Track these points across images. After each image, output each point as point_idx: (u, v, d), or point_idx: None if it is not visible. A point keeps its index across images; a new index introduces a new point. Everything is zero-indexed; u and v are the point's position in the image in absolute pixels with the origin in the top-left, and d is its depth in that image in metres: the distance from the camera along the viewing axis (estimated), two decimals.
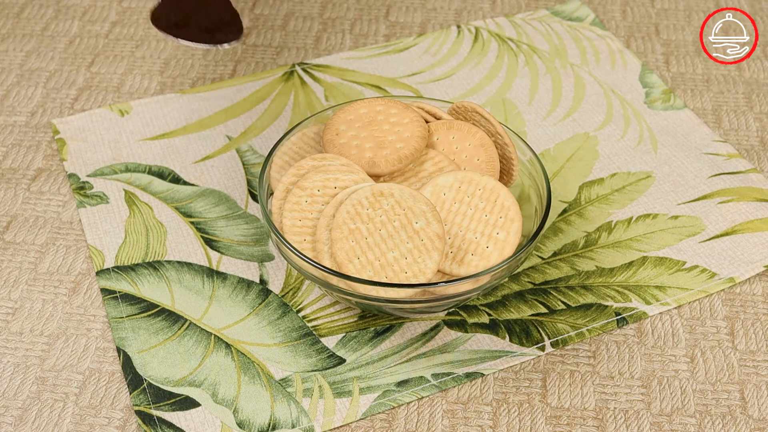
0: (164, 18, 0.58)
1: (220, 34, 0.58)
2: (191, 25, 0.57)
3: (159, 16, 0.58)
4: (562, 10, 0.85)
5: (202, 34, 0.58)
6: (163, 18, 0.58)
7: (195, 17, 0.58)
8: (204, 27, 0.58)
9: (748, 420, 0.54)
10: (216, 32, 0.58)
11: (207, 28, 0.58)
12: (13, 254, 0.63)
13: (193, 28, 0.57)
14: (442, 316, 0.59)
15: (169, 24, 0.58)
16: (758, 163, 0.70)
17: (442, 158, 0.59)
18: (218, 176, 0.68)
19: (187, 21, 0.57)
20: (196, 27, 0.58)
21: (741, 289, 0.61)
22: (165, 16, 0.58)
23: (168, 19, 0.58)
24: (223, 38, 0.58)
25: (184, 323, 0.58)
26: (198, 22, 0.58)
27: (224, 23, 0.58)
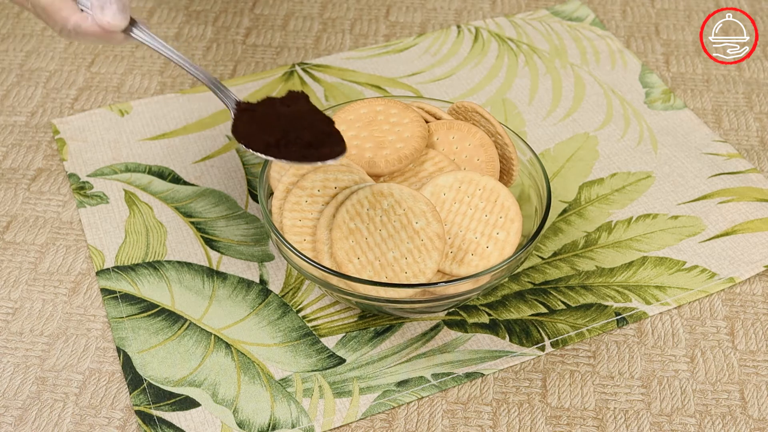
0: (258, 139, 0.53)
1: (325, 149, 0.52)
2: (292, 143, 0.53)
3: (250, 138, 0.54)
4: (562, 10, 0.85)
5: (306, 151, 0.52)
6: (257, 139, 0.53)
7: (294, 134, 0.53)
8: (307, 143, 0.53)
9: (748, 420, 0.54)
10: (320, 147, 0.52)
11: (310, 144, 0.53)
12: (13, 254, 0.63)
13: (295, 146, 0.53)
14: (442, 316, 0.59)
15: (267, 145, 0.53)
16: (758, 163, 0.70)
17: (442, 158, 0.59)
18: (218, 176, 0.68)
19: (286, 139, 0.53)
20: (298, 145, 0.53)
21: (741, 289, 0.61)
22: (257, 136, 0.53)
23: (263, 140, 0.53)
24: (329, 153, 0.52)
25: (184, 323, 0.58)
26: (300, 139, 0.53)
27: (325, 135, 0.53)
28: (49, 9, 0.57)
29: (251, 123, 0.55)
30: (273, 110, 0.55)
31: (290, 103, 0.55)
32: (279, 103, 0.55)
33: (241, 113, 0.56)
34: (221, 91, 0.58)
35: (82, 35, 0.58)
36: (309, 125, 0.53)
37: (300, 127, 0.53)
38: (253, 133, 0.54)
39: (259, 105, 0.56)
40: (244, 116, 0.55)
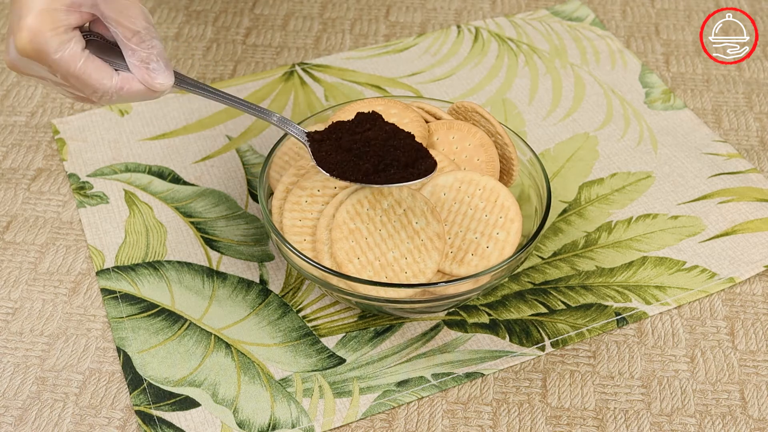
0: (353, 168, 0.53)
1: (421, 164, 0.53)
2: (390, 166, 0.53)
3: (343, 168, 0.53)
4: (562, 10, 0.85)
5: (406, 171, 0.53)
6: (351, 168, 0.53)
7: (389, 157, 0.53)
8: (404, 163, 0.53)
9: (748, 420, 0.54)
10: (416, 163, 0.53)
11: (407, 163, 0.53)
12: (13, 254, 0.63)
13: (393, 168, 0.53)
14: (442, 316, 0.59)
15: (366, 173, 0.53)
16: (758, 163, 0.70)
17: (442, 158, 0.59)
18: (218, 176, 0.68)
19: (384, 164, 0.53)
20: (395, 167, 0.53)
21: (741, 289, 0.61)
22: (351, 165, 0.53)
23: (360, 168, 0.53)
24: (426, 169, 0.53)
25: (184, 323, 0.58)
26: (396, 161, 0.53)
27: (416, 151, 0.54)
28: (83, 75, 0.51)
29: (338, 152, 0.54)
30: (357, 136, 0.54)
31: (371, 126, 0.55)
32: (358, 126, 0.55)
33: (318, 144, 0.55)
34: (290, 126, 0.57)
35: (124, 98, 0.53)
36: (399, 146, 0.54)
37: (393, 149, 0.54)
38: (346, 163, 0.54)
39: (331, 132, 0.55)
40: (326, 147, 0.55)
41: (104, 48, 0.53)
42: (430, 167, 0.53)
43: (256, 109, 0.57)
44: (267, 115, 0.57)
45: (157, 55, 0.52)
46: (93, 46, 0.52)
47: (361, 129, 0.55)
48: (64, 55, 0.50)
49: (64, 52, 0.50)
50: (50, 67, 0.51)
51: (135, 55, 0.52)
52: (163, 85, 0.53)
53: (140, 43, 0.52)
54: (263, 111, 0.57)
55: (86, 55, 0.51)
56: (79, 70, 0.51)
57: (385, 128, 0.55)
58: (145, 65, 0.52)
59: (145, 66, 0.52)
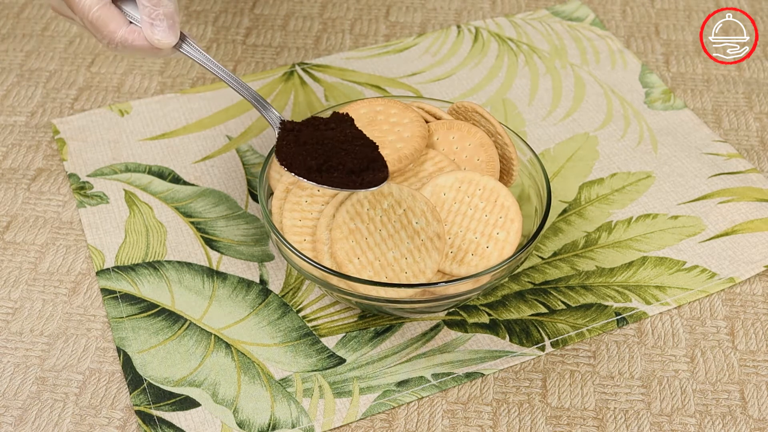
0: (300, 162, 0.53)
1: (368, 175, 0.52)
2: (334, 168, 0.52)
3: (292, 161, 0.53)
4: (562, 10, 0.85)
5: (348, 178, 0.52)
6: (299, 162, 0.53)
7: (336, 159, 0.52)
8: (349, 169, 0.52)
9: (748, 420, 0.54)
10: (363, 173, 0.52)
11: (353, 170, 0.52)
12: (13, 254, 0.63)
13: (338, 171, 0.52)
14: (442, 316, 0.59)
15: (309, 169, 0.52)
16: (758, 163, 0.70)
17: (442, 158, 0.59)
18: (218, 176, 0.68)
19: (328, 164, 0.52)
20: (340, 171, 0.52)
21: (741, 289, 0.61)
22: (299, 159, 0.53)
23: (306, 163, 0.52)
24: (372, 180, 0.52)
25: (184, 323, 0.58)
26: (342, 165, 0.52)
27: (369, 161, 0.53)
28: (97, 23, 0.55)
29: (295, 145, 0.54)
30: (317, 133, 0.54)
31: (335, 126, 0.54)
32: (324, 125, 0.55)
33: (286, 134, 0.55)
34: (265, 109, 0.57)
35: (129, 49, 0.56)
36: (352, 150, 0.53)
37: (343, 152, 0.53)
38: (296, 156, 0.53)
39: (303, 125, 0.55)
40: (289, 137, 0.55)
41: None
42: (376, 181, 0.52)
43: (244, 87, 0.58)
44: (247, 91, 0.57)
45: (163, 14, 0.55)
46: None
47: (326, 127, 0.55)
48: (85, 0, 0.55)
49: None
50: (72, 10, 0.56)
51: (144, 10, 0.55)
52: (161, 42, 0.56)
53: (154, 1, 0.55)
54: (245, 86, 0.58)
55: (104, 3, 0.55)
56: (93, 16, 0.55)
57: (347, 131, 0.54)
58: (151, 21, 0.55)
59: (150, 22, 0.55)
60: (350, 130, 0.55)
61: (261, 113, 0.57)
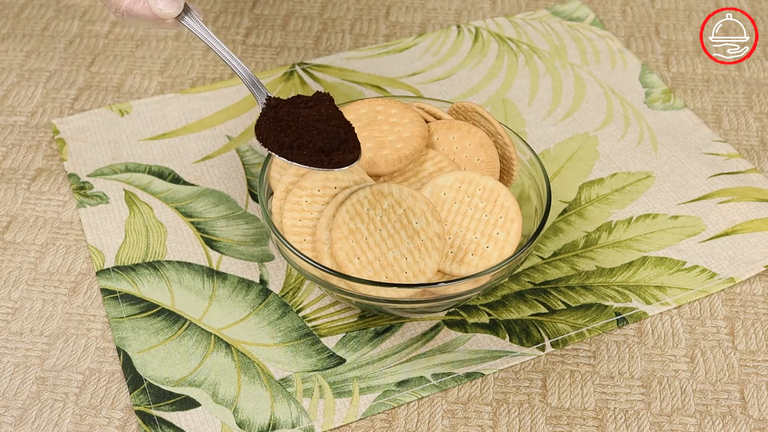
0: (274, 139, 0.53)
1: (337, 155, 0.52)
2: (305, 146, 0.52)
3: (267, 136, 0.53)
4: (562, 10, 0.85)
5: (317, 156, 0.52)
6: (273, 138, 0.53)
7: (308, 137, 0.52)
8: (319, 147, 0.52)
9: (748, 420, 0.54)
10: (333, 153, 0.52)
11: (322, 149, 0.52)
12: (13, 254, 0.63)
13: (308, 150, 0.52)
14: (442, 316, 0.59)
15: (282, 145, 0.53)
16: (758, 163, 0.70)
17: (442, 158, 0.59)
18: (218, 176, 0.68)
19: (300, 142, 0.52)
20: (310, 149, 0.52)
21: (741, 289, 0.61)
22: (275, 135, 0.53)
23: (279, 140, 0.53)
24: (341, 160, 0.52)
25: (184, 323, 0.58)
26: (312, 144, 0.52)
27: (340, 141, 0.53)
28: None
29: (273, 121, 0.54)
30: (295, 110, 0.54)
31: (313, 104, 0.54)
32: (304, 103, 0.55)
33: (268, 110, 0.55)
34: (256, 88, 0.57)
35: (134, 18, 0.58)
36: (324, 129, 0.53)
37: (315, 131, 0.53)
38: (272, 132, 0.53)
39: (285, 103, 0.55)
40: (270, 113, 0.55)
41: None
42: (345, 161, 0.52)
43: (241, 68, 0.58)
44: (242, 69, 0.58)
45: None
46: None
47: (304, 105, 0.55)
48: None
49: None
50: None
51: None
52: (162, 12, 0.57)
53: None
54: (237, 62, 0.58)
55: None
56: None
57: (322, 111, 0.54)
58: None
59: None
60: (327, 109, 0.54)
61: (252, 93, 0.57)
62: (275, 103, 0.55)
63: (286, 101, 0.55)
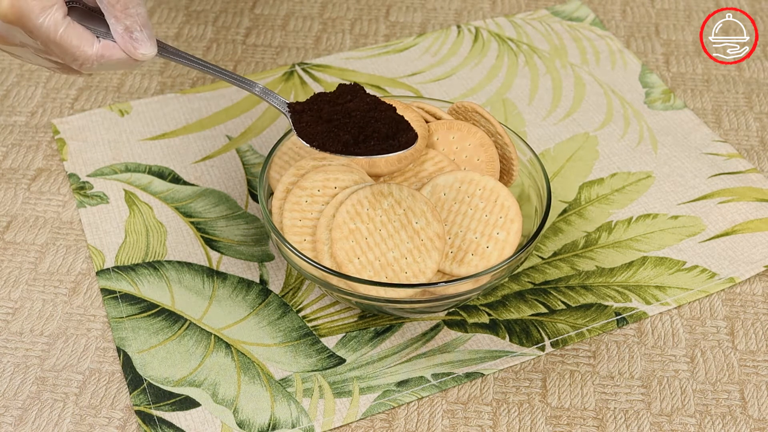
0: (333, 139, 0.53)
1: (403, 136, 0.52)
2: (370, 137, 0.52)
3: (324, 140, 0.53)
4: (562, 10, 0.85)
5: (386, 143, 0.52)
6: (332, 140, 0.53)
7: (370, 128, 0.53)
8: (385, 134, 0.52)
9: (748, 420, 0.54)
10: (398, 135, 0.53)
11: (387, 135, 0.52)
12: (13, 254, 0.63)
13: (374, 139, 0.52)
14: (442, 316, 0.59)
15: (346, 144, 0.52)
16: (758, 163, 0.70)
17: (442, 158, 0.59)
18: (218, 176, 0.68)
19: (364, 135, 0.53)
20: (376, 138, 0.52)
21: (741, 289, 0.61)
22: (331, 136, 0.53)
23: (340, 139, 0.53)
24: (407, 141, 0.52)
25: (184, 323, 0.58)
26: (377, 132, 0.52)
27: (398, 122, 0.53)
28: (65, 43, 0.51)
29: (319, 123, 0.54)
30: (338, 107, 0.54)
31: (352, 97, 0.54)
32: (337, 98, 0.55)
33: (299, 115, 0.55)
34: (272, 97, 0.56)
35: (105, 66, 0.53)
36: (380, 117, 0.53)
37: (374, 120, 0.53)
38: (326, 134, 0.53)
39: (312, 104, 0.55)
40: (306, 117, 0.54)
41: (86, 15, 0.52)
42: (411, 139, 0.53)
43: (237, 79, 0.56)
44: (249, 85, 0.56)
45: (141, 24, 0.51)
46: (75, 12, 0.52)
47: (343, 100, 0.54)
48: (45, 21, 0.50)
49: (45, 18, 0.50)
50: (31, 33, 0.50)
51: (119, 23, 0.51)
52: (146, 56, 0.52)
53: (124, 10, 0.51)
54: (245, 81, 0.56)
55: (68, 22, 0.51)
56: (60, 37, 0.50)
57: (366, 100, 0.54)
58: (129, 34, 0.52)
59: (128, 35, 0.52)
60: (369, 98, 0.55)
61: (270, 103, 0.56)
62: (301, 107, 0.55)
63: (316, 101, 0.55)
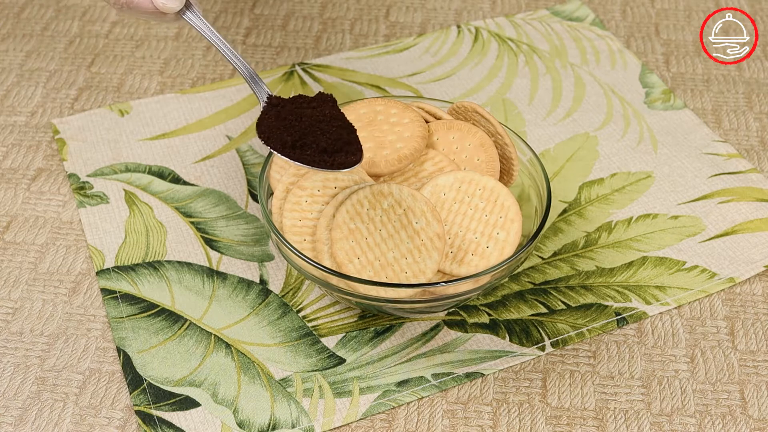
0: (277, 137, 0.53)
1: (340, 157, 0.52)
2: (308, 146, 0.53)
3: (270, 135, 0.54)
4: (562, 10, 0.85)
5: (320, 156, 0.52)
6: (276, 137, 0.53)
7: (311, 137, 0.53)
8: (322, 148, 0.52)
9: (748, 420, 0.54)
10: (336, 154, 0.52)
11: (326, 150, 0.52)
12: (13, 254, 0.63)
13: (311, 150, 0.52)
14: (442, 316, 0.59)
15: (284, 144, 0.53)
16: (758, 163, 0.70)
17: (442, 158, 0.59)
18: (218, 176, 0.68)
19: (302, 142, 0.53)
20: (313, 149, 0.52)
21: (741, 289, 0.61)
22: (277, 134, 0.53)
23: (281, 138, 0.53)
24: (344, 162, 0.52)
25: (184, 323, 0.58)
26: (316, 144, 0.52)
27: (343, 143, 0.52)
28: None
29: (276, 119, 0.54)
30: (299, 110, 0.54)
31: (317, 105, 0.55)
32: (307, 103, 0.55)
33: (270, 108, 0.56)
34: (256, 84, 0.57)
35: (134, 10, 0.57)
36: (328, 130, 0.53)
37: (319, 131, 0.53)
38: (274, 130, 0.54)
39: (288, 102, 0.55)
40: (271, 111, 0.55)
41: None
42: (348, 163, 0.52)
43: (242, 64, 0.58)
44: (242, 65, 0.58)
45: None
46: None
47: (308, 106, 0.55)
48: None
49: None
50: None
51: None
52: (166, 6, 0.56)
53: None
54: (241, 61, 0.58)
55: None
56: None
57: (326, 112, 0.54)
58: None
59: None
60: (330, 110, 0.55)
61: (252, 89, 0.57)
62: (277, 101, 0.56)
63: (289, 100, 0.55)
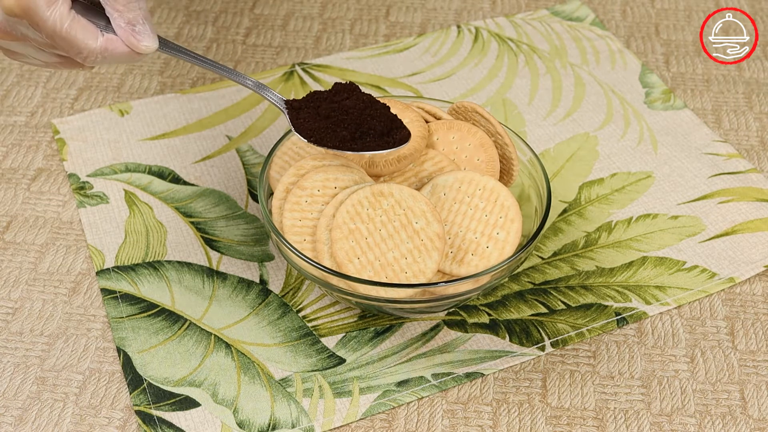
0: (330, 136, 0.54)
1: (396, 133, 0.54)
2: (366, 134, 0.54)
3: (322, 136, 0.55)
4: (562, 10, 0.85)
5: (381, 140, 0.54)
6: (329, 136, 0.54)
7: (368, 125, 0.55)
8: (380, 131, 0.54)
9: (748, 420, 0.54)
10: (392, 132, 0.55)
11: (382, 132, 0.55)
12: (13, 254, 0.63)
13: (369, 136, 0.54)
14: (442, 316, 0.59)
15: (343, 140, 0.54)
16: (758, 163, 0.70)
17: (442, 158, 0.59)
18: (218, 176, 0.68)
19: (361, 131, 0.54)
20: (372, 135, 0.54)
21: (741, 289, 0.61)
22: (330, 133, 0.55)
23: (338, 135, 0.54)
24: (400, 137, 0.54)
25: (184, 323, 0.58)
26: (373, 130, 0.54)
27: (392, 120, 0.55)
28: (70, 37, 0.51)
29: (320, 120, 0.55)
30: (335, 104, 0.56)
31: (347, 95, 0.56)
32: (333, 96, 0.56)
33: (297, 112, 0.56)
34: (268, 92, 0.58)
35: (108, 60, 0.53)
36: (375, 114, 0.55)
37: (369, 117, 0.55)
38: (326, 131, 0.55)
39: (309, 101, 0.56)
40: (303, 114, 0.56)
41: (86, 8, 0.53)
42: (405, 137, 0.55)
43: (235, 74, 0.57)
44: (243, 78, 0.57)
45: (143, 17, 0.52)
46: (78, 6, 0.52)
47: (339, 98, 0.56)
48: (52, 14, 0.50)
49: (52, 12, 0.50)
50: (37, 26, 0.51)
51: (121, 16, 0.52)
52: (149, 48, 0.53)
53: (127, 4, 0.51)
54: (241, 75, 0.57)
55: (73, 16, 0.51)
56: (66, 30, 0.51)
57: (362, 98, 0.56)
58: (131, 27, 0.52)
59: (131, 28, 0.52)
60: (364, 96, 0.56)
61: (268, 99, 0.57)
62: (298, 104, 0.56)
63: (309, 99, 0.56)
